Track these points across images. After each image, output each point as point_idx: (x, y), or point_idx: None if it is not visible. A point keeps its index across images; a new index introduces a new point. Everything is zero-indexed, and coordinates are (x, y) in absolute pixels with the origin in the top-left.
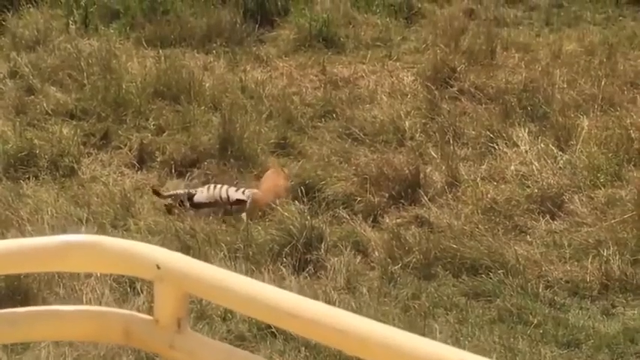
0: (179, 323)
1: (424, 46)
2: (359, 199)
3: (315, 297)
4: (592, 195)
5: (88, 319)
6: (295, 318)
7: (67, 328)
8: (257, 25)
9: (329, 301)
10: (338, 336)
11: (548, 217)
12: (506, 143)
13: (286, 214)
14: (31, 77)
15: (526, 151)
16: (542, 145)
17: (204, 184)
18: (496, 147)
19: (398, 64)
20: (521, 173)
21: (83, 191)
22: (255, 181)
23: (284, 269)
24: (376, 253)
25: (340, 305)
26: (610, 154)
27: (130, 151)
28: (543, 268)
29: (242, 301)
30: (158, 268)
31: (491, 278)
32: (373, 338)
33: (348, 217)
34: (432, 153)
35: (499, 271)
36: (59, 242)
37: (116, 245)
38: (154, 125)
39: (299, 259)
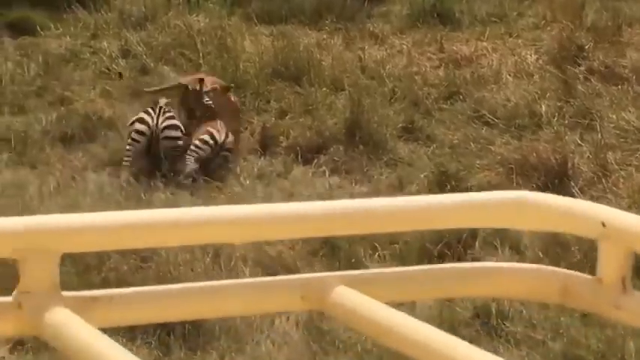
0: (624, 283)
1: (543, 22)
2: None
3: None
4: None
5: (524, 277)
6: None
7: (500, 284)
8: (366, 1)
9: None
10: None
11: None
12: None
13: None
14: (144, 56)
15: None
16: None
17: (332, 171)
18: None
19: (519, 41)
20: None
21: None
22: None
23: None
24: (529, 252)
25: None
26: None
27: (251, 135)
28: None
29: None
30: (603, 225)
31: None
32: None
33: None
34: (577, 139)
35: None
36: (494, 198)
37: (556, 202)
38: (275, 108)
39: (452, 257)
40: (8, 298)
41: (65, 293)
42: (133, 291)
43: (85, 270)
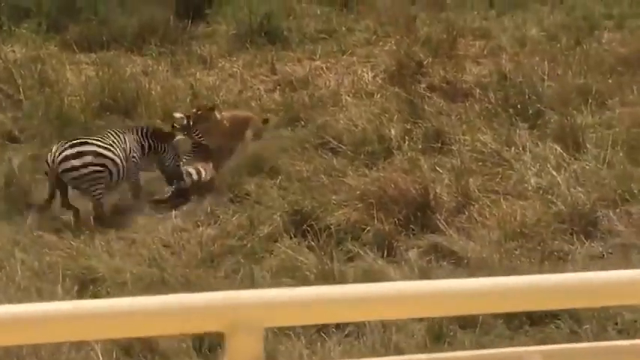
0: None
1: (375, 37)
2: (367, 227)
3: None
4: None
5: None
6: None
7: None
8: (190, 21)
9: None
10: None
11: (582, 237)
12: (510, 150)
13: (301, 258)
14: None
15: (535, 159)
16: (556, 151)
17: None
18: (498, 154)
19: (354, 58)
20: (542, 187)
21: None
22: None
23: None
24: None
25: None
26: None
27: None
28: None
29: None
30: None
31: (559, 328)
32: None
33: (361, 251)
34: (434, 165)
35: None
36: None
37: None
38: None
39: None
40: None
41: None
42: None
43: None
